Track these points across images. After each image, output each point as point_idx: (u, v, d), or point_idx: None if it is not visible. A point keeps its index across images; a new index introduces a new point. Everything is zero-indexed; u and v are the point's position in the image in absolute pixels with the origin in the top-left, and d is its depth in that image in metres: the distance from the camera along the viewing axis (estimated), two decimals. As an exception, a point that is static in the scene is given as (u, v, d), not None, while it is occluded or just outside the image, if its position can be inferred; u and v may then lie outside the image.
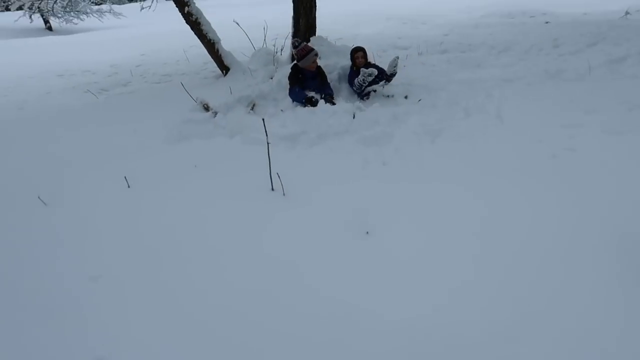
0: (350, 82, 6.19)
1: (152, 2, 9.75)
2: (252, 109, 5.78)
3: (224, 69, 7.49)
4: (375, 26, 11.76)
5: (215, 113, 5.42)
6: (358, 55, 6.31)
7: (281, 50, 8.28)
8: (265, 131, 3.61)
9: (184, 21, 7.21)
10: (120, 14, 23.14)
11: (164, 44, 12.15)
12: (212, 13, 9.19)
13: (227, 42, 10.97)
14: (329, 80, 6.38)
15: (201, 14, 7.12)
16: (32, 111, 6.61)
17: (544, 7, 12.56)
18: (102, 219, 3.55)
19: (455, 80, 6.81)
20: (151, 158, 4.40)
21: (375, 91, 6.01)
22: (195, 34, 7.29)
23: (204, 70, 8.55)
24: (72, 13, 24.37)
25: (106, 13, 23.35)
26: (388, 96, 5.82)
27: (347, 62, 6.60)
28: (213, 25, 7.44)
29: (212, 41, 7.30)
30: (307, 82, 5.83)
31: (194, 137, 4.94)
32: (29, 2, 11.63)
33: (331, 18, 12.60)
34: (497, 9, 12.85)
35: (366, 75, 5.69)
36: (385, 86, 5.89)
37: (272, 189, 3.72)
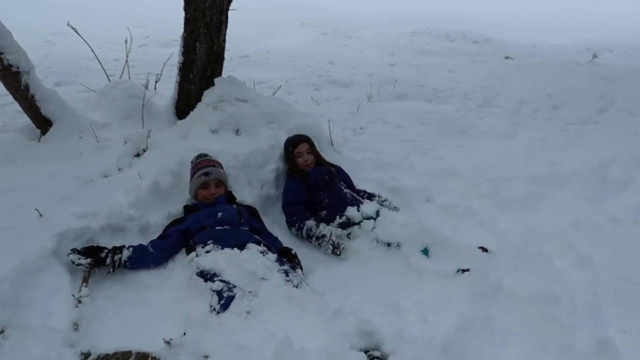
0: (290, 213, 3.13)
1: None
2: (86, 283, 2.41)
3: (42, 124, 3.87)
4: (289, 36, 8.68)
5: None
6: (300, 150, 3.26)
7: (155, 83, 4.78)
8: None
9: None
10: None
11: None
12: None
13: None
14: (260, 188, 3.22)
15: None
16: None
17: (482, 29, 10.55)
18: None
19: (460, 172, 4.15)
20: None
21: (358, 225, 3.01)
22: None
23: (16, 111, 4.65)
24: None
25: None
26: (388, 245, 2.85)
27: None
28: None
29: (13, 69, 3.64)
30: (207, 229, 2.67)
31: None
32: None
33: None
34: (429, 25, 10.57)
35: (335, 238, 2.81)
36: (375, 226, 2.94)
37: None
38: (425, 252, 2.80)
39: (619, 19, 12.44)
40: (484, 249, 2.88)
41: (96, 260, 2.44)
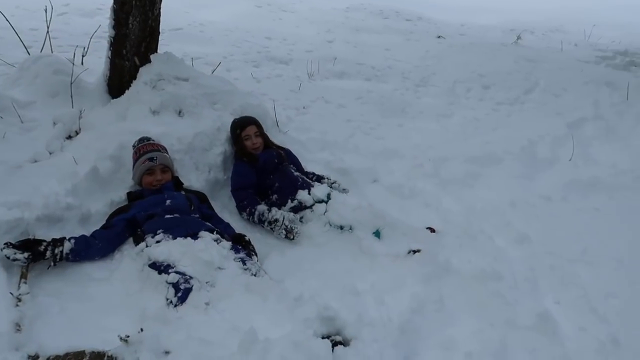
0: (240, 198, 3.07)
1: None
2: (25, 279, 2.23)
3: (-47, 101, 3.48)
4: (222, 8, 8.35)
5: None
6: (249, 133, 3.18)
7: (82, 58, 4.43)
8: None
9: None
10: None
11: None
12: None
13: None
14: (208, 174, 3.12)
15: None
16: None
17: (413, 7, 10.71)
18: None
19: (402, 152, 4.27)
20: None
21: (310, 208, 3.02)
22: None
23: None
24: None
25: None
26: (341, 228, 2.89)
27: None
28: None
29: None
30: (156, 218, 2.55)
31: None
32: None
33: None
34: (363, 1, 10.58)
35: (288, 223, 2.81)
36: (327, 209, 2.95)
37: None
38: (377, 234, 2.85)
39: (537, 1, 13.11)
40: (432, 230, 2.98)
41: (34, 255, 2.26)
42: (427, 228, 3.00)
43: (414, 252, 2.71)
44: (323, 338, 1.93)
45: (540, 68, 6.91)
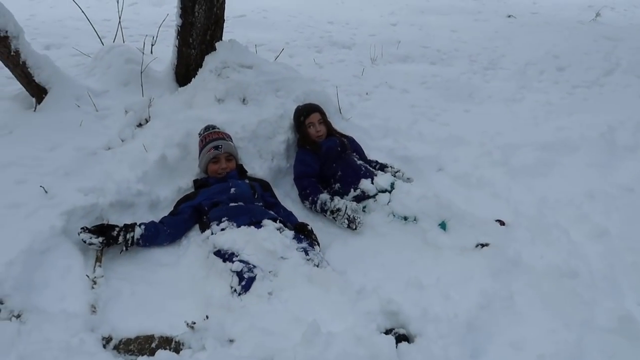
0: (303, 186, 3.05)
1: None
2: (99, 262, 2.34)
3: (37, 92, 3.69)
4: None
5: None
6: (312, 121, 3.13)
7: (151, 47, 4.57)
8: None
9: None
10: None
11: None
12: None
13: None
14: (271, 160, 3.13)
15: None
16: None
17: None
18: None
19: (469, 139, 4.07)
20: None
21: (373, 198, 2.96)
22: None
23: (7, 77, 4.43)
24: None
25: None
26: (405, 219, 2.81)
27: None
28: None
29: (1, 34, 3.42)
30: (220, 206, 2.58)
31: None
32: None
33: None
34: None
35: (350, 212, 2.76)
36: (391, 199, 2.88)
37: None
38: (443, 226, 2.75)
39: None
40: (501, 222, 2.85)
41: (108, 239, 2.36)
42: (496, 220, 2.86)
43: (482, 245, 2.59)
44: (386, 333, 1.89)
45: (621, 47, 6.41)
